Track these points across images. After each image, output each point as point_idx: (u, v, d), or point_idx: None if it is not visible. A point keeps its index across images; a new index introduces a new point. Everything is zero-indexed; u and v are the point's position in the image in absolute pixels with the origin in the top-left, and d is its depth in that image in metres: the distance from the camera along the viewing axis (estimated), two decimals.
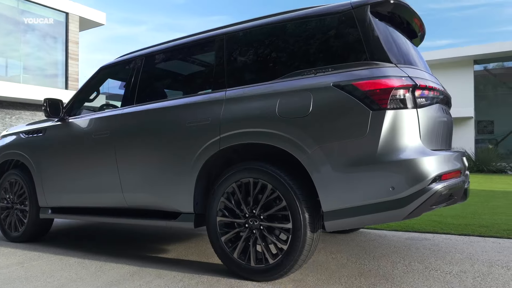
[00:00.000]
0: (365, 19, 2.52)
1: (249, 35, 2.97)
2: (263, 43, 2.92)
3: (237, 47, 2.99)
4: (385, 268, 2.87)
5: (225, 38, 3.04)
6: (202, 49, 3.23)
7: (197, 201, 2.94)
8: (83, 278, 2.84)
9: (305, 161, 2.45)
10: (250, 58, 2.95)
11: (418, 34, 3.25)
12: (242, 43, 2.99)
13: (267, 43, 2.90)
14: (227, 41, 3.02)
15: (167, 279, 2.74)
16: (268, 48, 2.90)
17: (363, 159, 2.31)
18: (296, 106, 2.52)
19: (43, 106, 3.67)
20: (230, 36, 3.03)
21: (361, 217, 2.34)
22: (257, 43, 2.94)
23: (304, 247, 2.48)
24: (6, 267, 3.21)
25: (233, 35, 3.02)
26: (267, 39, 2.89)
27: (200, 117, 2.90)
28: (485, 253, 3.22)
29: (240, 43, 2.99)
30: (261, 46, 2.93)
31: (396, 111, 2.30)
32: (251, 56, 2.94)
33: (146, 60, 3.50)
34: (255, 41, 2.95)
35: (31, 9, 12.80)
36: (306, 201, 2.49)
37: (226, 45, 3.02)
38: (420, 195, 2.21)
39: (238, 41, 3.00)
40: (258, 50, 2.94)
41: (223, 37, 3.06)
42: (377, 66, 2.39)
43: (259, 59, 2.93)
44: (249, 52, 2.96)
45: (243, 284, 2.61)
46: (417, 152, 2.27)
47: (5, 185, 4.32)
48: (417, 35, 3.25)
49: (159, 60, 3.50)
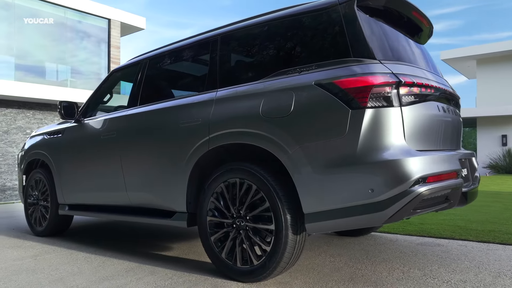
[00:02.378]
0: (350, 14, 2.42)
1: (240, 36, 2.97)
2: (253, 43, 2.90)
3: (229, 47, 2.99)
4: (380, 274, 2.75)
5: (219, 38, 3.06)
6: (200, 50, 3.26)
7: (190, 201, 2.97)
8: (83, 272, 2.96)
9: (286, 161, 2.40)
10: (241, 58, 2.94)
11: (423, 29, 3.08)
12: (233, 44, 2.99)
13: (256, 42, 2.88)
14: (221, 42, 3.03)
15: (158, 276, 2.80)
16: (257, 47, 2.88)
17: (342, 159, 2.22)
18: (279, 106, 2.48)
19: (58, 108, 3.88)
20: (223, 36, 3.04)
21: (342, 220, 2.26)
22: (247, 43, 2.93)
23: (286, 249, 2.43)
24: (20, 259, 3.42)
25: (226, 35, 3.03)
26: (257, 39, 2.87)
27: (192, 117, 2.94)
28: (497, 262, 2.99)
29: (232, 43, 2.99)
30: (250, 46, 2.91)
31: (377, 110, 2.19)
32: (241, 56, 2.94)
33: (149, 62, 3.60)
34: (245, 41, 2.94)
35: (76, 17, 13.57)
36: (288, 203, 2.44)
37: (220, 46, 3.03)
38: (400, 198, 2.09)
39: (229, 41, 3.00)
40: (247, 50, 2.93)
41: (217, 38, 3.08)
42: (360, 63, 2.29)
43: (249, 59, 2.91)
44: (239, 52, 2.95)
45: (227, 284, 2.60)
46: (399, 153, 2.15)
47: (31, 183, 4.61)
48: (422, 30, 3.08)
49: (161, 62, 3.58)
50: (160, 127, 3.18)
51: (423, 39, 3.23)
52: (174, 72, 3.60)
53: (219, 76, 2.95)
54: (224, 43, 3.01)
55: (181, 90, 3.34)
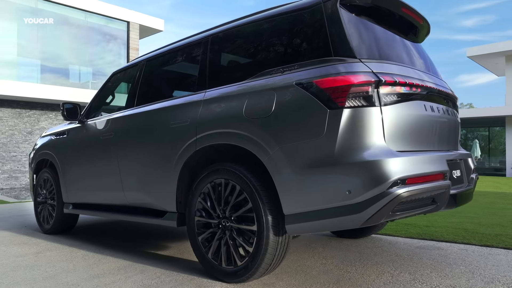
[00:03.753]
0: (333, 13, 2.39)
1: (227, 36, 2.97)
2: (240, 43, 2.90)
3: (217, 48, 3.01)
4: (368, 277, 2.69)
5: (210, 39, 3.07)
6: (192, 52, 3.28)
7: (180, 201, 3.00)
8: (77, 270, 3.04)
9: (267, 162, 2.39)
10: (228, 59, 2.95)
11: (417, 27, 3.00)
12: (222, 44, 3.00)
13: (243, 43, 2.87)
14: (210, 43, 3.05)
15: (147, 275, 2.84)
16: (244, 48, 2.88)
17: (321, 161, 2.19)
18: (260, 106, 2.47)
19: (61, 109, 3.99)
20: (213, 37, 3.05)
21: (321, 221, 2.22)
22: (234, 43, 2.93)
23: (268, 250, 2.41)
24: (23, 255, 3.54)
25: (215, 36, 3.04)
26: (244, 39, 2.87)
27: (181, 118, 2.96)
28: (494, 268, 2.87)
29: (220, 44, 3.00)
30: (238, 46, 2.92)
31: (356, 109, 2.15)
32: (229, 57, 2.95)
33: (146, 63, 3.66)
34: (233, 41, 2.94)
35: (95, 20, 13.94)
36: (270, 203, 2.42)
37: (209, 47, 3.04)
38: (377, 200, 2.04)
39: (218, 42, 3.01)
40: (235, 50, 2.93)
41: (208, 39, 3.09)
42: (340, 62, 2.25)
43: (236, 59, 2.92)
44: (227, 53, 2.96)
45: (211, 284, 2.61)
46: (376, 153, 2.10)
47: (40, 182, 4.76)
48: (416, 27, 3.00)
49: (157, 64, 3.63)
50: (152, 128, 3.23)
51: (419, 37, 3.15)
52: (168, 73, 3.64)
53: (208, 77, 2.96)
54: (213, 44, 3.02)
55: (175, 91, 3.37)
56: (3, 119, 12.68)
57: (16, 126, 12.91)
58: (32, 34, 12.94)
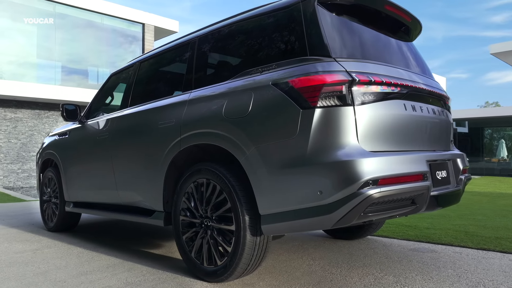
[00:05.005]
0: (310, 12, 2.37)
1: (211, 38, 3.00)
2: (223, 44, 2.92)
3: (202, 49, 3.03)
4: (351, 279, 2.66)
5: (197, 40, 3.10)
6: (180, 53, 3.32)
7: (167, 200, 3.03)
8: (68, 267, 3.11)
9: (244, 162, 2.39)
10: (212, 60, 2.98)
11: (406, 25, 2.95)
12: (206, 46, 3.02)
13: (226, 43, 2.89)
14: (198, 44, 3.08)
15: (133, 273, 2.88)
16: (227, 48, 2.90)
17: (294, 161, 2.18)
18: (238, 106, 2.47)
19: (60, 110, 4.10)
20: (200, 38, 3.08)
21: (295, 222, 2.21)
22: (218, 44, 2.95)
23: (245, 250, 2.42)
24: (22, 252, 3.65)
25: (201, 37, 3.07)
26: (227, 40, 2.88)
27: (168, 118, 3.00)
28: (483, 272, 2.79)
29: (205, 45, 3.03)
30: (221, 47, 2.94)
31: (328, 109, 2.13)
32: (213, 58, 2.97)
33: (140, 65, 3.71)
34: (216, 43, 2.96)
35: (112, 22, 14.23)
36: (247, 204, 2.43)
37: (197, 48, 3.07)
38: (348, 201, 2.02)
39: (203, 43, 3.04)
40: (219, 51, 2.95)
41: (195, 40, 3.12)
42: (314, 61, 2.23)
43: (220, 60, 2.94)
44: (211, 54, 2.99)
45: (192, 282, 2.64)
46: (348, 154, 2.07)
47: (45, 181, 4.90)
48: (405, 25, 2.95)
49: (150, 65, 3.68)
50: (142, 128, 3.28)
51: (409, 35, 3.09)
52: (160, 74, 3.69)
53: (194, 77, 2.99)
54: (199, 45, 3.05)
55: (165, 91, 3.40)
56: (23, 120, 13.09)
57: (36, 127, 13.31)
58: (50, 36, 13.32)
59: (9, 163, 12.90)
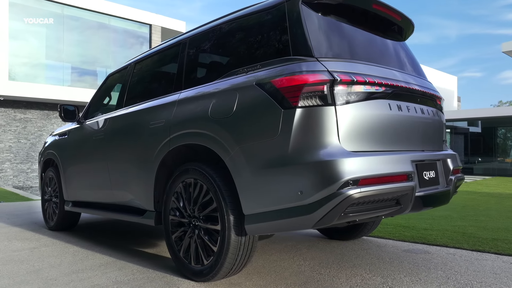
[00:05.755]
0: (294, 12, 2.37)
1: (201, 39, 3.02)
2: (211, 45, 2.93)
3: (192, 50, 3.06)
4: (338, 279, 2.65)
5: (188, 41, 3.12)
6: (172, 54, 3.34)
7: (158, 200, 3.06)
8: (61, 265, 3.16)
9: (229, 162, 2.40)
10: (201, 60, 3.00)
11: (397, 24, 2.92)
12: (196, 47, 3.05)
13: (214, 44, 2.91)
14: (188, 45, 3.10)
15: (123, 272, 2.91)
16: (215, 49, 2.91)
17: (276, 161, 2.18)
18: (224, 106, 2.49)
19: (58, 111, 4.16)
20: (190, 39, 3.10)
21: (278, 222, 2.22)
22: (206, 45, 2.97)
23: (229, 250, 2.43)
24: (19, 250, 3.71)
25: (191, 38, 3.09)
26: (215, 41, 2.90)
27: (158, 118, 3.02)
28: (473, 273, 2.76)
29: (194, 46, 3.05)
30: (209, 48, 2.95)
31: (309, 109, 2.13)
32: (202, 58, 2.99)
33: (135, 65, 3.75)
34: (205, 44, 2.98)
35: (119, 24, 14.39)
36: (232, 203, 2.43)
37: (187, 49, 3.09)
38: (327, 201, 2.01)
39: (193, 44, 3.06)
40: (207, 52, 2.97)
41: (186, 41, 3.14)
42: (296, 61, 2.23)
43: (208, 61, 2.96)
44: (200, 55, 3.01)
45: (180, 282, 2.66)
46: (327, 154, 2.06)
47: (46, 180, 4.97)
48: (396, 24, 2.92)
49: (143, 66, 3.72)
50: (135, 128, 3.31)
51: (401, 35, 3.07)
52: (152, 74, 3.72)
53: (184, 78, 3.01)
54: (189, 46, 3.07)
55: (157, 92, 3.43)
56: (32, 121, 13.31)
57: (44, 127, 13.52)
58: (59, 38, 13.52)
59: (18, 163, 13.13)
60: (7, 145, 12.93)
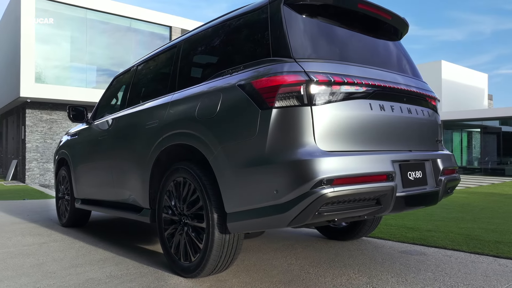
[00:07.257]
0: (276, 13, 2.41)
1: (193, 41, 3.11)
2: (201, 47, 3.02)
3: (185, 53, 3.15)
4: (324, 278, 2.67)
5: (182, 44, 3.21)
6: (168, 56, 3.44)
7: (153, 198, 3.16)
8: (64, 259, 3.31)
9: (212, 161, 2.46)
10: (192, 62, 3.08)
11: (388, 23, 2.90)
12: (188, 49, 3.13)
13: (204, 46, 2.99)
14: (182, 48, 3.19)
15: (119, 267, 3.03)
16: (205, 51, 2.99)
17: (253, 160, 2.23)
18: (209, 107, 2.55)
19: (67, 112, 4.34)
20: (185, 42, 3.19)
21: (256, 221, 2.26)
22: (198, 48, 3.05)
23: (213, 247, 2.49)
24: (30, 245, 3.90)
25: (185, 41, 3.18)
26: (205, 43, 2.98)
27: (153, 119, 3.13)
28: (464, 275, 2.71)
29: (187, 49, 3.14)
30: (200, 50, 3.03)
31: (285, 109, 2.16)
32: (193, 60, 3.07)
33: (138, 68, 3.88)
34: (196, 46, 3.07)
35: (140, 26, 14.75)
36: (216, 202, 2.50)
37: (181, 51, 3.18)
38: (301, 200, 2.04)
39: (185, 47, 3.15)
40: (198, 54, 3.05)
41: (180, 44, 3.23)
42: (275, 62, 2.27)
43: (198, 63, 3.05)
44: (192, 57, 3.09)
45: (169, 277, 2.74)
46: (302, 153, 2.09)
47: (59, 179, 5.19)
48: (386, 24, 2.90)
49: (144, 68, 3.83)
50: (134, 129, 3.43)
51: (396, 34, 3.05)
52: (151, 76, 3.83)
53: (177, 79, 3.10)
54: (182, 48, 3.17)
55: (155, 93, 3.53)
56: (58, 121, 13.84)
57: (69, 127, 14.02)
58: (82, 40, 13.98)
59: (45, 162, 13.66)
60: (34, 145, 13.50)
